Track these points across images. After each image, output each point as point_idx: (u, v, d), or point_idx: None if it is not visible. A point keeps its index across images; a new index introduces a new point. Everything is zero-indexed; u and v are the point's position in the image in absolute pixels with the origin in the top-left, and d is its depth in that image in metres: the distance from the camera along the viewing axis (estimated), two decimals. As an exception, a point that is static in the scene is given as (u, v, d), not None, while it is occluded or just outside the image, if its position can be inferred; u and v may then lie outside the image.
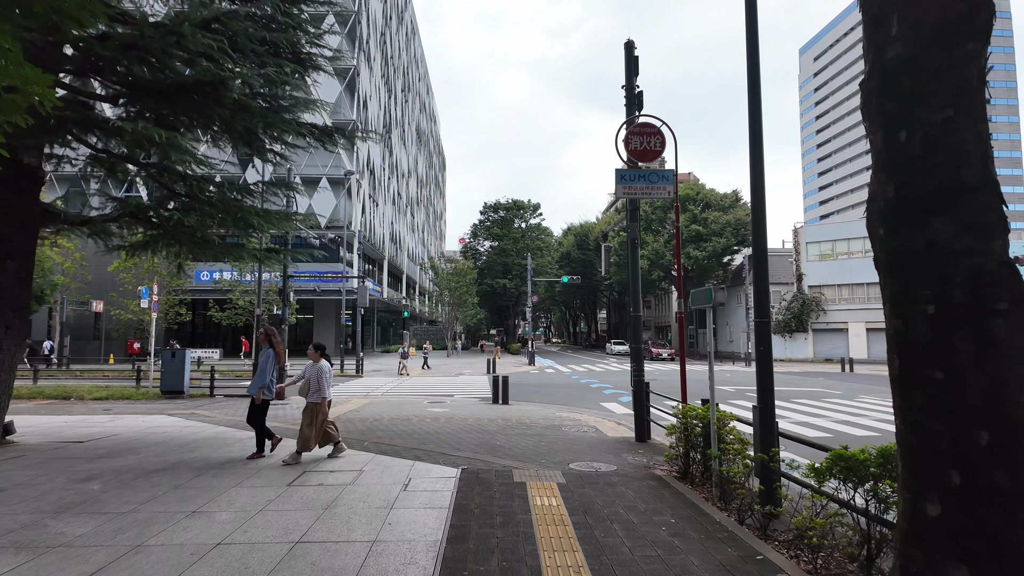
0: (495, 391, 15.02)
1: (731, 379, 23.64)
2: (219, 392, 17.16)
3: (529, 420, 11.61)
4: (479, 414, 12.54)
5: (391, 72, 53.51)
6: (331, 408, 13.97)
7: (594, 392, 18.43)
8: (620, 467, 7.19)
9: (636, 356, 9.48)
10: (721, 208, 41.63)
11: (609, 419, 12.23)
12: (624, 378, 23.68)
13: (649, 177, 7.21)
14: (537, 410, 13.49)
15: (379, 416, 12.13)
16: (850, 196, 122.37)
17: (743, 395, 17.62)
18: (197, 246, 9.57)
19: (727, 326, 45.50)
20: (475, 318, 55.36)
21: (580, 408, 14.28)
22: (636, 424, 9.41)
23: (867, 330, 35.27)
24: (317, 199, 39.03)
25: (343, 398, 16.17)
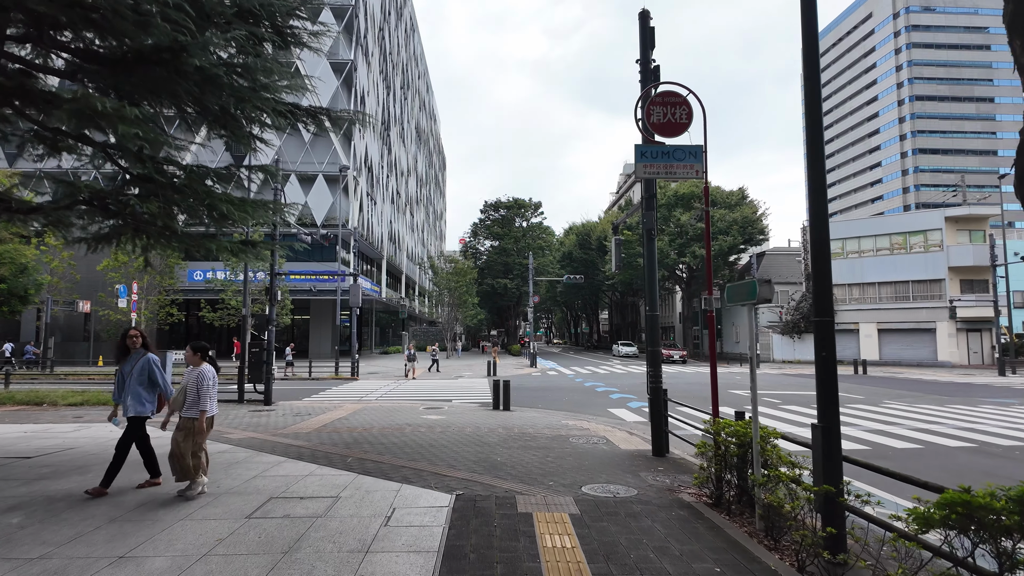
0: (496, 396, 14.03)
1: (746, 383, 22.61)
2: (203, 397, 16.16)
3: (533, 430, 10.60)
4: (478, 422, 11.54)
5: (390, 68, 52.56)
6: (320, 416, 13.02)
7: (600, 397, 17.42)
8: (641, 491, 6.19)
9: (653, 360, 8.49)
10: (727, 205, 40.61)
11: (619, 428, 11.22)
12: (631, 381, 22.67)
13: (674, 154, 6.22)
14: (541, 418, 12.48)
15: (369, 425, 11.13)
16: (854, 196, 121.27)
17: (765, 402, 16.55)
18: (164, 238, 8.57)
19: (733, 327, 44.47)
20: (475, 319, 54.36)
21: (587, 415, 13.28)
22: (653, 436, 8.41)
23: (879, 331, 34.23)
24: (313, 197, 38.08)
25: (334, 403, 15.18)
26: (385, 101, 50.48)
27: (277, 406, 14.82)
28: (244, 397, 15.57)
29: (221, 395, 16.46)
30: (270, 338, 15.51)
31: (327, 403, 15.46)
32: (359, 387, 20.66)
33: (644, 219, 8.53)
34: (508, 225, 57.92)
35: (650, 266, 8.58)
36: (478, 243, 60.61)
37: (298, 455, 7.98)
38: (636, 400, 16.24)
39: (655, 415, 8.40)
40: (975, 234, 32.63)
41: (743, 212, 39.99)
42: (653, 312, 8.59)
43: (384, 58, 50.03)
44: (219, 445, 8.83)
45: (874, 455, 8.88)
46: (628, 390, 19.14)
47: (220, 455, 7.97)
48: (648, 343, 8.66)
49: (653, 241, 8.58)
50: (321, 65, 38.71)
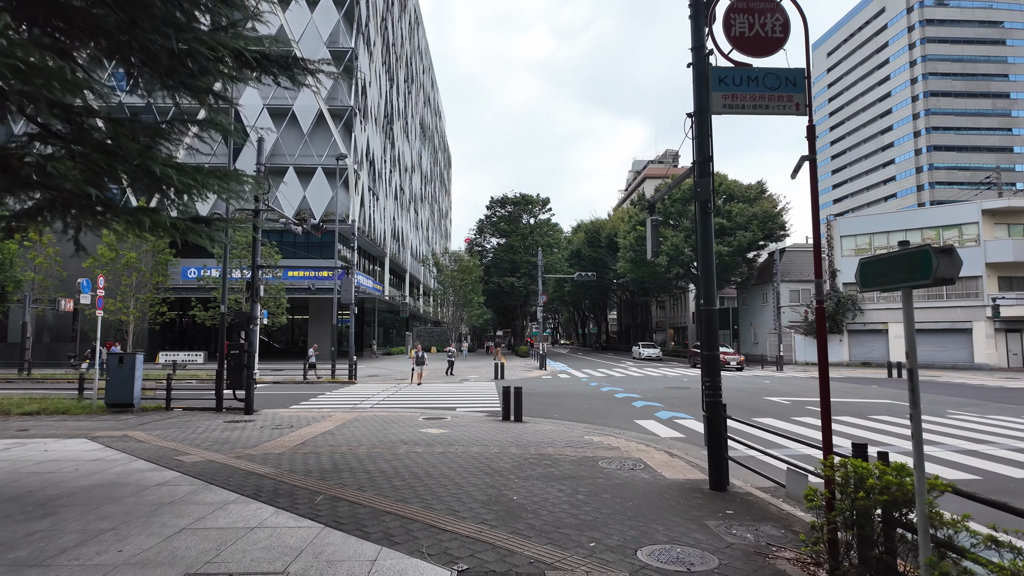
0: (506, 405, 12.23)
1: (782, 388, 20.72)
2: (179, 404, 14.47)
3: (552, 449, 8.80)
4: (486, 438, 9.75)
5: (392, 60, 50.87)
6: (302, 429, 11.23)
7: (622, 405, 15.57)
8: (723, 558, 4.36)
9: (710, 368, 6.68)
10: (746, 199, 38.64)
11: (654, 446, 9.39)
12: (651, 386, 20.81)
13: (765, 80, 4.44)
14: (559, 432, 10.67)
15: (357, 441, 9.36)
16: (866, 194, 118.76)
17: (835, 416, 14.70)
18: (91, 211, 6.82)
19: (751, 327, 42.49)
20: (481, 318, 52.56)
21: (611, 428, 11.45)
22: (711, 465, 6.60)
23: (909, 331, 32.18)
24: (312, 191, 36.43)
25: (324, 412, 13.42)
26: (388, 93, 48.80)
27: (259, 415, 13.09)
28: (223, 405, 13.84)
29: (200, 402, 14.76)
30: (252, 338, 13.77)
31: (315, 412, 13.71)
32: (355, 392, 18.91)
33: (697, 188, 6.74)
34: (515, 222, 56.08)
35: (705, 249, 6.80)
36: (484, 240, 58.77)
37: (256, 491, 6.20)
38: (664, 409, 14.39)
39: (713, 438, 6.58)
40: (1014, 228, 30.56)
41: (763, 206, 38.02)
42: (710, 306, 6.80)
43: (387, 49, 48.35)
44: (164, 473, 7.07)
45: (993, 488, 6.99)
46: (651, 396, 17.29)
47: (154, 490, 6.21)
48: (703, 344, 6.84)
49: (709, 216, 6.79)
50: (320, 53, 37.03)
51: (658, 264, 38.77)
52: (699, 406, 14.29)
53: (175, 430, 10.81)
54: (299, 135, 36.85)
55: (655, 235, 8.78)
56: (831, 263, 35.37)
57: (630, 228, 42.32)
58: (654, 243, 8.79)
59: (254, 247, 13.98)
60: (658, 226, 8.85)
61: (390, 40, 49.58)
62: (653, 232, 8.78)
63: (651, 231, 8.78)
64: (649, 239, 8.83)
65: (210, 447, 8.98)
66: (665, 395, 17.60)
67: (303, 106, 36.71)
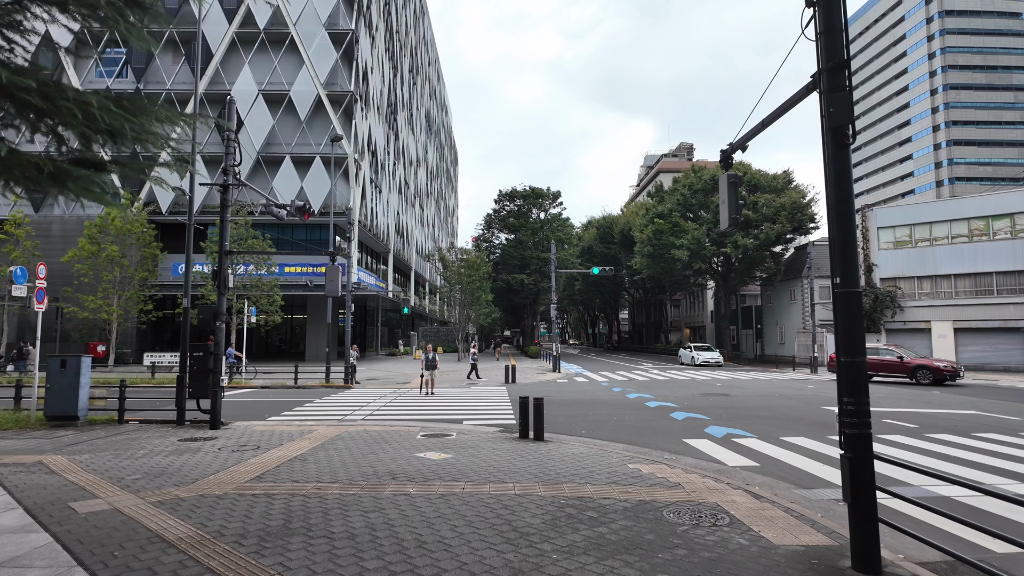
0: (524, 420, 9.93)
1: (827, 394, 18.26)
2: (137, 415, 12.27)
3: (593, 488, 6.48)
4: (501, 466, 7.45)
5: (396, 48, 48.69)
6: (268, 454, 8.83)
7: (658, 417, 13.22)
8: None
9: (852, 382, 4.34)
10: (773, 190, 36.09)
11: (726, 480, 7.05)
12: (683, 392, 18.40)
13: None
14: (593, 456, 8.34)
15: (332, 474, 7.07)
16: (883, 190, 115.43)
17: (930, 435, 12.24)
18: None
19: (777, 326, 39.92)
20: (489, 317, 50.20)
21: (658, 451, 9.11)
22: (857, 531, 4.25)
23: (955, 330, 29.62)
24: (309, 181, 34.28)
25: (304, 426, 11.15)
26: (391, 82, 46.62)
27: (226, 430, 10.87)
28: (185, 418, 11.62)
29: (159, 414, 12.53)
30: (219, 337, 11.52)
31: (296, 425, 11.46)
32: (349, 399, 16.66)
33: (829, 107, 4.42)
34: (524, 216, 53.64)
35: (842, 203, 4.46)
36: (492, 236, 56.39)
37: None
38: (712, 423, 12.03)
39: (861, 492, 4.24)
40: (1074, 217, 27.92)
41: (790, 196, 35.48)
42: (850, 288, 4.46)
43: (390, 36, 46.16)
44: (28, 538, 4.81)
45: None
46: (689, 406, 14.92)
47: None
48: (842, 344, 4.50)
49: (846, 151, 4.45)
50: (319, 34, 34.93)
51: (678, 259, 36.33)
52: (754, 420, 11.81)
53: (109, 453, 8.58)
54: (296, 123, 34.71)
55: (733, 195, 6.44)
56: (866, 257, 32.80)
57: (647, 221, 39.86)
58: (732, 206, 6.46)
59: (221, 228, 11.72)
60: (737, 184, 6.51)
61: (394, 27, 47.40)
62: (731, 192, 6.45)
63: (728, 190, 6.45)
64: (725, 201, 6.50)
65: (135, 483, 6.73)
66: (704, 404, 15.22)
67: (300, 91, 34.56)
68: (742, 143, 6.61)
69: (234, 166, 11.68)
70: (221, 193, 11.75)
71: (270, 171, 34.38)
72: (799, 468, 7.95)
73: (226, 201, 11.74)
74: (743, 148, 6.71)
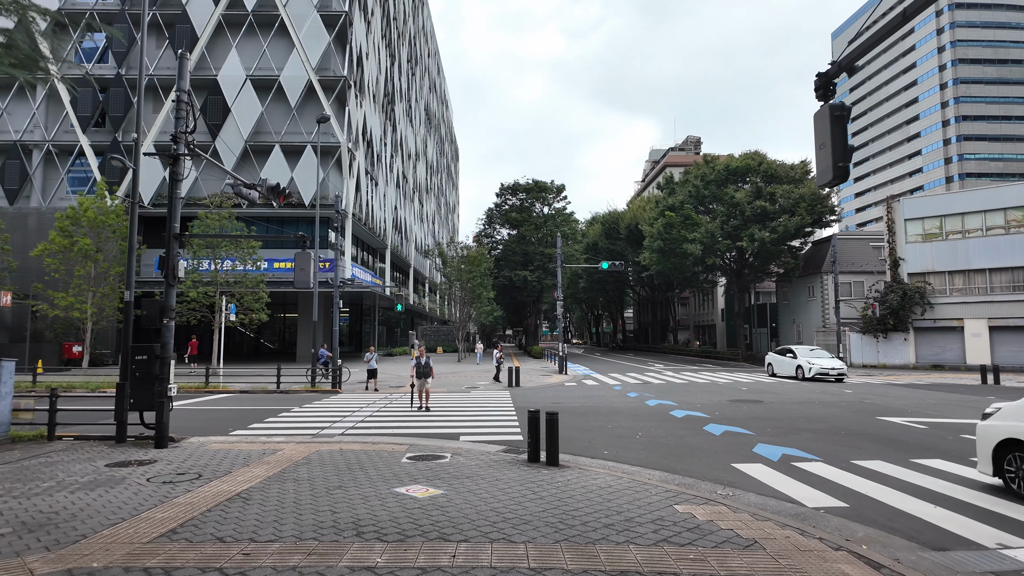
0: (534, 439, 8.02)
1: (881, 402, 16.29)
2: (71, 431, 10.36)
3: (639, 554, 4.55)
4: (507, 514, 5.51)
5: (394, 35, 46.72)
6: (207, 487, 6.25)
7: (691, 431, 11.26)
8: None
9: None
10: (791, 180, 34.08)
11: (813, 530, 5.11)
12: (706, 397, 16.42)
13: None
14: (626, 491, 6.41)
15: (276, 527, 5.14)
16: (891, 187, 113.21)
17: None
18: None
19: (794, 324, 37.90)
20: (491, 316, 48.23)
21: (707, 482, 7.18)
22: None
23: (990, 328, 27.61)
24: (300, 172, 32.34)
25: (269, 443, 9.23)
26: (388, 71, 44.65)
27: (174, 449, 9.00)
28: (127, 434, 9.69)
29: (99, 428, 10.57)
30: (166, 337, 9.60)
31: (259, 443, 9.54)
32: (333, 407, 14.74)
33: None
34: (527, 211, 51.63)
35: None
36: (494, 231, 54.36)
37: None
38: (759, 439, 10.08)
39: None
40: (1119, 207, 25.89)
41: (809, 187, 33.49)
42: None
43: (387, 21, 44.19)
44: None
45: None
46: (722, 416, 12.97)
47: None
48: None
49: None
50: (310, 16, 32.98)
51: (690, 254, 34.35)
52: (805, 435, 9.64)
53: (1, 488, 6.65)
54: (286, 110, 32.77)
55: (839, 134, 4.51)
56: (892, 251, 30.80)
57: (657, 214, 37.87)
58: (837, 149, 4.53)
59: (170, 206, 9.76)
60: (844, 119, 4.57)
61: (391, 13, 45.43)
62: (835, 129, 4.51)
63: (831, 127, 4.51)
64: (827, 144, 4.56)
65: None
66: (738, 414, 13.27)
67: (291, 76, 32.62)
68: (850, 62, 4.65)
69: (185, 132, 9.74)
70: (171, 165, 9.81)
71: (259, 161, 32.46)
72: (902, 510, 6.00)
73: (176, 174, 9.80)
74: (850, 70, 4.76)
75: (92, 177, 32.24)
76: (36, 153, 32.87)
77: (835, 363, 23.23)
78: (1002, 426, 6.55)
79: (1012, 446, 6.39)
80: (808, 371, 23.13)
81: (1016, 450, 6.34)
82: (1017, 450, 6.33)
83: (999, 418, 6.71)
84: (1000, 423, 6.62)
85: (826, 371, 22.87)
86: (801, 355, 24.19)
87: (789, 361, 24.52)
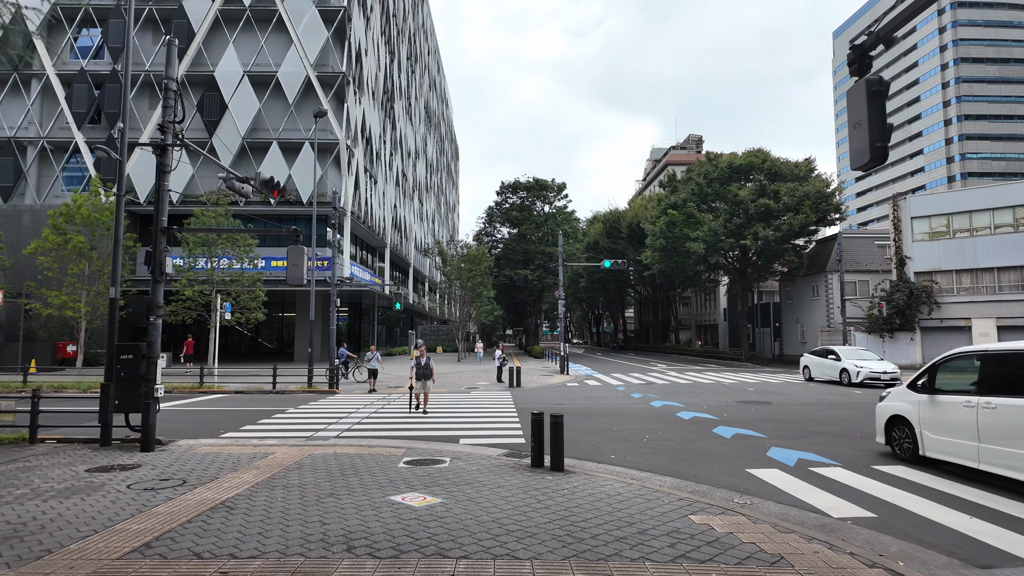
0: (537, 443, 7.62)
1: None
2: (55, 433, 9.95)
3: (656, 572, 4.12)
4: (511, 525, 5.10)
5: (393, 32, 46.30)
6: (197, 488, 6.17)
7: (701, 434, 10.85)
8: None
9: None
10: (795, 178, 33.64)
11: (842, 544, 4.72)
12: (712, 398, 16.01)
13: None
14: (636, 500, 6.00)
15: (255, 544, 4.73)
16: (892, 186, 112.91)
17: None
18: None
19: (798, 324, 37.48)
20: (491, 315, 47.81)
21: (722, 489, 6.77)
22: None
23: (998, 328, 27.19)
24: (297, 169, 31.93)
25: (261, 446, 8.83)
26: (388, 67, 44.22)
27: (161, 453, 8.61)
28: (111, 437, 9.28)
29: (82, 432, 10.15)
30: (153, 336, 9.19)
31: (250, 446, 9.14)
32: (329, 408, 14.33)
33: None
34: (528, 210, 51.17)
35: None
36: (494, 230, 53.90)
37: None
38: (771, 443, 9.67)
39: None
40: None
41: (814, 185, 33.09)
42: None
43: (387, 18, 43.77)
44: None
45: None
46: (731, 418, 12.56)
47: None
48: None
49: None
50: (308, 13, 32.56)
51: (693, 252, 33.93)
52: (819, 438, 9.32)
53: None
54: (284, 107, 32.34)
55: (876, 111, 4.12)
56: (899, 249, 30.37)
57: (660, 212, 37.45)
58: (875, 127, 4.13)
59: (158, 199, 9.34)
60: (882, 95, 4.16)
61: (391, 9, 45.01)
62: (872, 105, 4.12)
63: (868, 103, 4.11)
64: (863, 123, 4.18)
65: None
66: (747, 416, 12.86)
67: (289, 73, 32.20)
68: (889, 31, 4.25)
69: (173, 122, 9.33)
70: (158, 156, 9.39)
71: (256, 158, 32.04)
72: (935, 521, 5.58)
73: (164, 165, 9.38)
74: (888, 42, 4.34)
75: (87, 174, 31.82)
76: (31, 150, 32.45)
77: (886, 366, 20.75)
78: (890, 406, 8.52)
79: (896, 420, 8.38)
80: (856, 375, 20.40)
81: (898, 424, 8.33)
82: (899, 424, 8.31)
83: (889, 400, 8.64)
84: (889, 403, 8.56)
85: (876, 375, 20.15)
86: (846, 357, 21.41)
87: (831, 363, 21.82)
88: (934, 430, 7.57)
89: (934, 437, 7.57)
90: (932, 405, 7.64)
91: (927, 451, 7.69)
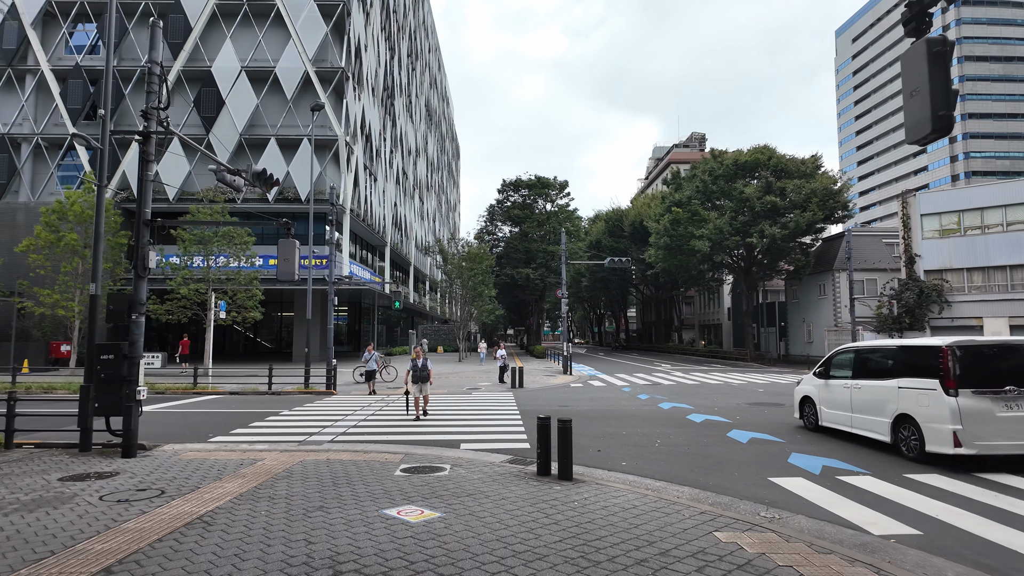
0: (544, 449, 7.08)
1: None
2: (33, 438, 9.44)
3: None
4: (518, 546, 4.57)
5: (394, 29, 45.77)
6: (175, 500, 5.66)
7: (715, 438, 10.31)
8: None
9: None
10: (802, 175, 33.09)
11: (889, 567, 4.15)
12: (721, 400, 15.47)
13: None
14: (655, 514, 5.47)
15: (229, 571, 4.19)
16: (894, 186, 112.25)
17: None
18: None
19: (804, 323, 36.92)
20: (492, 314, 47.26)
21: (746, 501, 6.24)
22: None
23: (1011, 327, 26.62)
24: (296, 166, 31.45)
25: (253, 452, 8.30)
26: (388, 64, 43.69)
27: (143, 459, 8.10)
28: (91, 441, 8.75)
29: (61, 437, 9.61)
30: (135, 335, 8.67)
31: (238, 452, 8.63)
32: (324, 410, 13.80)
33: None
34: (530, 208, 50.63)
35: None
36: (495, 228, 53.35)
37: None
38: (789, 447, 9.14)
39: None
40: None
41: (821, 182, 32.53)
42: None
43: (387, 14, 43.24)
44: None
45: None
46: (744, 421, 12.02)
47: None
48: None
49: None
50: (307, 7, 32.04)
51: (698, 250, 33.38)
52: (841, 443, 8.56)
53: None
54: (282, 102, 31.84)
55: (939, 75, 3.59)
56: (908, 247, 29.80)
57: (664, 210, 36.92)
58: (937, 94, 3.61)
59: (140, 190, 8.83)
60: (946, 56, 3.62)
61: (391, 5, 44.48)
62: (933, 68, 3.60)
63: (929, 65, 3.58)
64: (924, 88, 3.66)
65: None
66: (761, 418, 12.32)
67: (287, 68, 31.69)
68: None
69: (158, 108, 8.80)
70: (141, 144, 8.87)
71: (254, 155, 31.53)
72: (989, 540, 5.03)
73: (146, 154, 8.86)
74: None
75: (83, 171, 31.34)
76: (25, 146, 31.98)
77: None
78: (801, 388, 10.89)
79: (806, 400, 10.71)
80: None
81: (807, 402, 10.64)
82: (808, 402, 10.63)
83: (802, 384, 10.92)
84: (801, 387, 10.90)
85: None
86: None
87: None
88: (828, 405, 9.96)
89: (828, 411, 9.95)
90: (826, 387, 10.05)
91: (823, 422, 10.06)
